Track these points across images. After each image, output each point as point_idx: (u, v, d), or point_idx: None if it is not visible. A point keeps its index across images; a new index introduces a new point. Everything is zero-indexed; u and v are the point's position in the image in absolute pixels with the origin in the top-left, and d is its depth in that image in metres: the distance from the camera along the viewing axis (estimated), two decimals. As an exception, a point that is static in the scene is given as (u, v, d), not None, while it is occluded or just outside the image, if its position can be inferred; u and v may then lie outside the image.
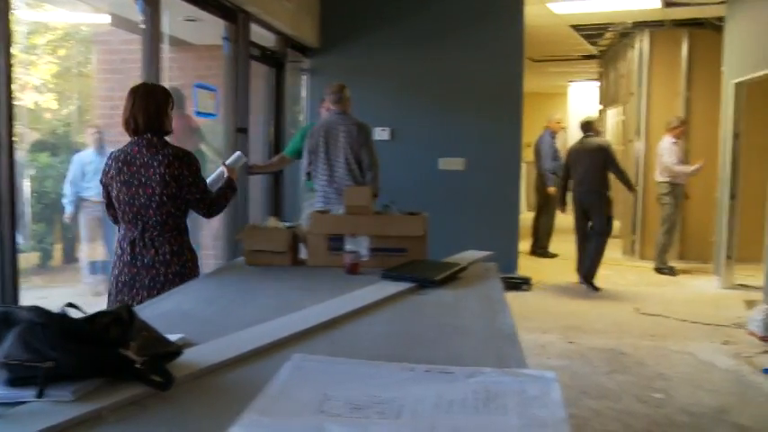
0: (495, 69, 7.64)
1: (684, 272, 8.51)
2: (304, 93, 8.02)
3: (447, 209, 7.74)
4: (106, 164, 3.29)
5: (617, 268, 8.92)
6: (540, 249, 9.66)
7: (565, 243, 10.69)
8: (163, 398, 1.58)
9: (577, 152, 7.82)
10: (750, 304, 6.01)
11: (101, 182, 3.33)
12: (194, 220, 3.97)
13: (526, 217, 10.22)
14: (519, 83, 7.64)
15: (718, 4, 7.98)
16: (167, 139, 3.29)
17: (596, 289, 7.51)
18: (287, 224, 3.69)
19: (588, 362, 4.94)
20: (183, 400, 1.61)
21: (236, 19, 5.80)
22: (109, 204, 3.34)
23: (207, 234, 6.81)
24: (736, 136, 7.67)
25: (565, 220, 14.46)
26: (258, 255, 3.49)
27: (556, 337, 5.55)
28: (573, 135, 15.70)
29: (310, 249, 3.48)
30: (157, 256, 3.22)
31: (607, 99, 11.88)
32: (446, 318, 2.47)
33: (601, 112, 12.37)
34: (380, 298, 2.66)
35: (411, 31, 7.77)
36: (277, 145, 7.13)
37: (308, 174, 5.53)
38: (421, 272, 3.05)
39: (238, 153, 4.06)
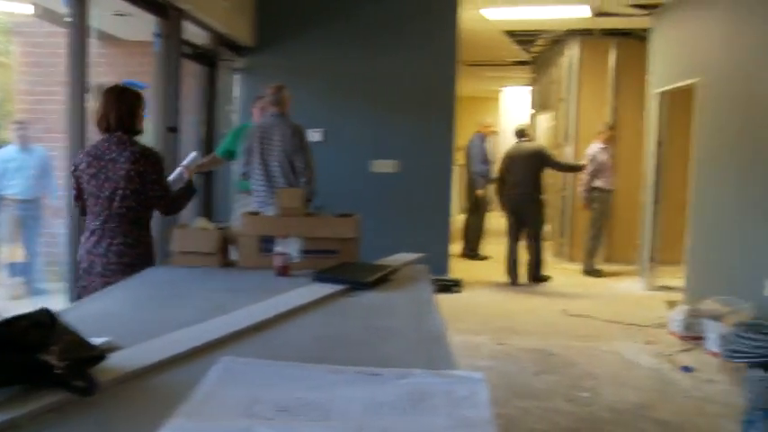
0: (428, 72, 7.71)
1: (612, 274, 8.74)
2: (237, 92, 7.93)
3: (379, 211, 7.78)
4: (77, 157, 3.53)
5: (547, 270, 9.09)
6: (471, 252, 9.78)
7: (496, 245, 10.87)
8: (86, 404, 1.54)
9: (512, 157, 8.19)
10: (671, 305, 6.21)
11: (72, 173, 3.52)
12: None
13: (459, 219, 10.33)
14: (452, 86, 7.72)
15: (644, 15, 8.22)
16: (137, 138, 3.51)
17: (546, 279, 8.13)
18: (216, 225, 3.65)
19: (518, 362, 5.03)
20: (107, 405, 1.57)
21: (168, 15, 5.69)
22: (77, 196, 3.52)
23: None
24: (659, 144, 7.92)
25: (497, 222, 14.72)
26: (187, 256, 3.44)
27: (486, 339, 5.63)
28: (506, 139, 16.00)
29: (241, 251, 3.45)
30: (112, 246, 3.41)
31: (539, 104, 12.12)
32: (376, 320, 2.48)
33: (532, 116, 12.60)
34: (311, 300, 2.66)
35: (346, 32, 7.78)
36: (209, 145, 7.04)
37: (244, 174, 5.48)
38: (352, 274, 3.05)
39: (194, 153, 4.19)
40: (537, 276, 8.17)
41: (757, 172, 5.68)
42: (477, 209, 9.73)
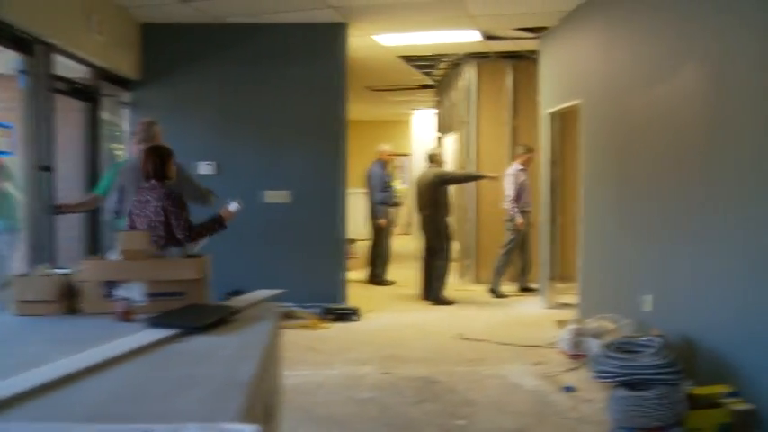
0: (318, 102, 7.69)
1: (520, 294, 8.84)
2: (126, 127, 7.72)
3: (274, 241, 7.70)
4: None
5: (451, 293, 9.10)
6: (376, 278, 9.73)
7: (403, 269, 10.86)
8: None
9: (419, 182, 8.74)
10: (561, 324, 6.26)
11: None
12: None
13: (365, 245, 10.29)
14: (342, 113, 7.71)
15: (533, 38, 8.37)
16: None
17: (449, 302, 8.31)
18: (60, 271, 3.50)
19: (399, 392, 4.96)
20: None
21: (33, 51, 5.50)
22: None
23: None
24: (552, 163, 8.04)
25: (401, 245, 14.73)
26: (29, 305, 3.30)
27: (372, 369, 5.55)
28: (418, 161, 16.10)
29: (84, 296, 3.31)
30: None
31: (443, 127, 12.22)
32: (190, 368, 2.38)
33: (438, 139, 12.69)
34: (131, 349, 2.54)
35: (235, 63, 7.70)
36: (92, 182, 6.81)
37: (117, 213, 5.29)
38: (189, 318, 2.94)
39: (235, 203, 4.79)
40: (436, 299, 8.38)
41: (631, 189, 5.80)
42: (380, 236, 9.69)
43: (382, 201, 9.61)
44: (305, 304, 7.61)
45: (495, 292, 8.74)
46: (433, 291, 8.46)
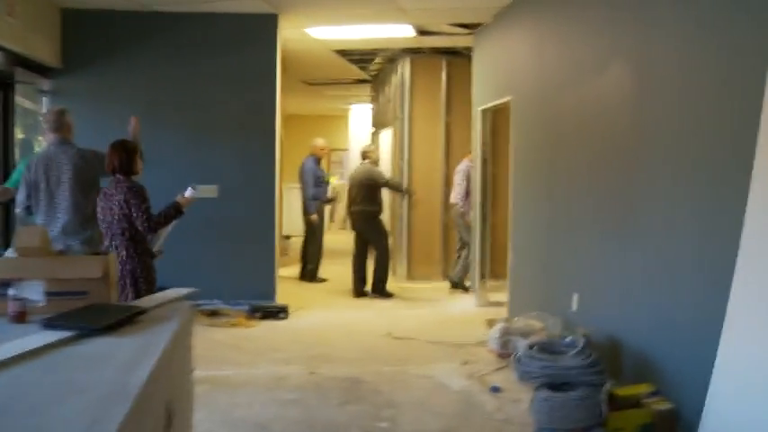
0: (249, 94, 7.50)
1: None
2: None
3: (203, 238, 7.47)
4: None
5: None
6: (309, 275, 9.57)
7: (337, 266, 10.73)
8: None
9: (353, 177, 8.90)
10: (490, 323, 6.21)
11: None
12: None
13: (299, 241, 10.13)
14: (273, 107, 7.54)
15: (467, 35, 8.32)
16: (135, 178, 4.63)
17: (389, 295, 8.51)
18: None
19: (323, 393, 4.83)
20: None
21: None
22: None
23: None
24: (484, 161, 8.01)
25: (338, 241, 14.62)
26: None
27: (298, 369, 5.41)
28: (355, 157, 15.97)
29: (-22, 296, 3.07)
30: (118, 257, 4.42)
31: (378, 122, 12.12)
32: (79, 373, 2.20)
33: (373, 135, 12.58)
34: (17, 353, 2.34)
35: (163, 52, 7.45)
36: (6, 174, 6.49)
37: (28, 207, 5.01)
38: (90, 318, 2.75)
39: (190, 188, 5.10)
40: (380, 290, 8.55)
41: (561, 187, 5.79)
42: (312, 233, 9.53)
43: (315, 196, 9.45)
44: (233, 302, 7.43)
45: (458, 284, 8.74)
46: (374, 282, 8.61)
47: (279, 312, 7.21)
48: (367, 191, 8.58)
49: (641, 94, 4.50)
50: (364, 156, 8.88)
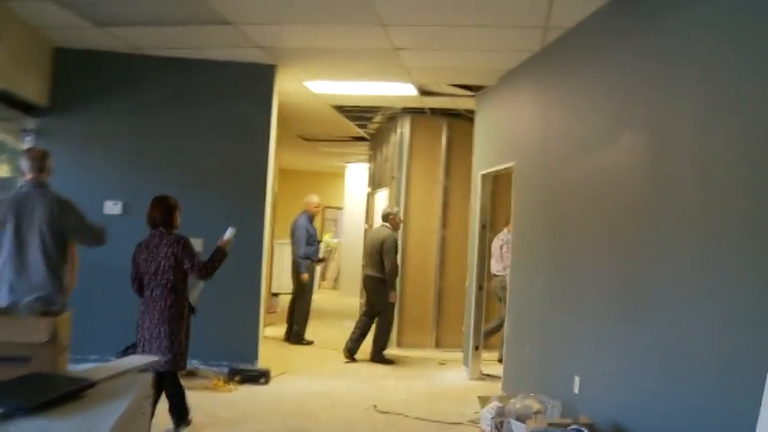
0: (241, 146, 7.20)
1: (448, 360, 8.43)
2: (28, 157, 7.06)
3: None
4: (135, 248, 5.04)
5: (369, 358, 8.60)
6: (295, 336, 9.15)
7: (325, 328, 10.32)
8: None
9: (368, 239, 8.62)
10: (483, 400, 5.79)
11: (132, 261, 5.04)
12: None
13: (287, 299, 9.74)
14: (266, 161, 7.25)
15: (469, 96, 8.10)
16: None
17: (390, 362, 8.21)
18: None
19: (299, 475, 4.40)
20: None
21: None
22: (134, 279, 5.08)
23: None
24: (483, 226, 7.70)
25: (328, 301, 14.21)
26: None
27: (275, 444, 4.99)
28: (348, 216, 15.66)
29: None
30: (158, 306, 4.84)
31: (375, 182, 11.84)
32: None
33: (369, 195, 12.29)
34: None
35: (153, 97, 7.17)
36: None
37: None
38: (25, 392, 2.37)
39: (231, 229, 5.31)
40: (379, 357, 8.25)
41: (564, 259, 5.46)
42: (301, 292, 9.14)
43: (307, 255, 9.09)
44: (212, 362, 7.01)
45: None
46: (374, 349, 8.33)
47: (259, 377, 6.78)
48: (378, 256, 8.26)
49: (654, 165, 4.20)
50: (385, 218, 8.49)
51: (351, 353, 8.31)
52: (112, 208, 7.02)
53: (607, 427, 4.39)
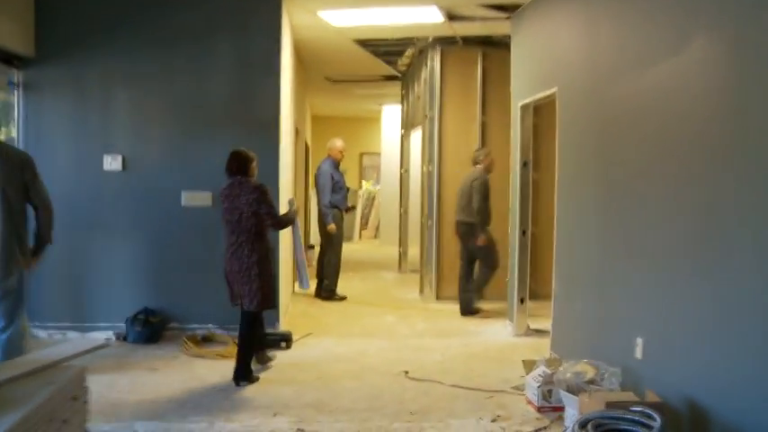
0: (249, 87, 6.46)
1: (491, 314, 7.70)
2: (18, 110, 6.43)
3: (194, 252, 6.50)
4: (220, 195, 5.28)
5: (407, 313, 7.91)
6: (326, 292, 8.49)
7: (360, 281, 9.68)
8: None
9: (462, 181, 7.82)
10: (528, 365, 5.04)
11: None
12: None
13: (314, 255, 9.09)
14: (277, 102, 6.48)
15: (504, 19, 7.17)
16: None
17: (476, 312, 7.71)
18: None
19: (307, 466, 3.73)
20: None
21: None
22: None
23: None
24: (524, 164, 6.85)
25: (366, 251, 13.56)
26: None
27: (286, 422, 4.31)
28: (386, 161, 14.86)
29: None
30: (244, 251, 5.03)
31: (408, 123, 11.01)
32: None
33: (403, 137, 11.47)
34: None
35: (149, 40, 6.47)
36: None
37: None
38: None
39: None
40: (467, 308, 7.74)
41: (619, 198, 4.61)
42: (329, 245, 8.46)
43: (333, 204, 8.38)
44: (229, 326, 6.40)
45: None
46: (462, 302, 7.78)
47: (280, 341, 6.12)
48: (469, 198, 7.57)
49: (737, 81, 3.32)
50: (476, 161, 7.77)
51: (468, 310, 7.68)
52: (112, 163, 6.37)
53: (679, 403, 3.62)
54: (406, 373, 5.47)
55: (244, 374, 5.11)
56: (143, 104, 6.45)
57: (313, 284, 8.61)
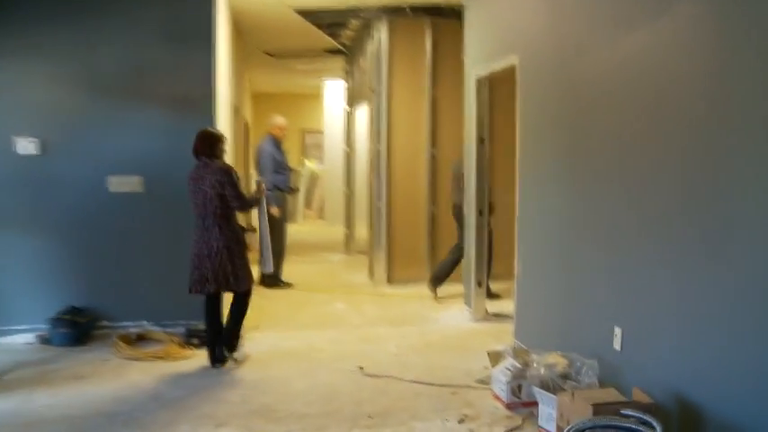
0: (180, 61, 5.89)
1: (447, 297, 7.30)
2: None
3: (124, 241, 5.93)
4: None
5: (358, 299, 7.49)
6: (270, 279, 7.98)
7: (307, 265, 9.23)
8: None
9: (454, 164, 7.23)
10: (494, 357, 4.65)
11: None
12: None
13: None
14: (211, 78, 5.94)
15: (456, -16, 6.74)
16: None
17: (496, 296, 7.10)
18: None
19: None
20: None
21: None
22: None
23: None
24: (480, 141, 6.45)
25: (312, 233, 13.11)
26: None
27: (230, 435, 3.87)
28: (329, 139, 14.36)
29: None
30: (212, 234, 4.94)
31: (354, 99, 10.51)
32: None
33: (348, 113, 10.98)
34: None
35: (69, 10, 5.77)
36: None
37: None
38: None
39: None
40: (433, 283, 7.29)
41: (590, 180, 4.24)
42: (273, 229, 7.93)
43: (276, 185, 7.86)
44: (165, 323, 5.89)
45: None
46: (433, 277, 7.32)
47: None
48: (457, 180, 7.05)
49: (726, 45, 2.95)
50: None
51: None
52: (26, 147, 5.74)
53: (667, 400, 3.28)
54: (361, 368, 5.04)
55: (223, 354, 5.11)
56: (61, 81, 5.82)
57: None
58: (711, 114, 3.04)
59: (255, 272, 5.89)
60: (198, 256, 4.96)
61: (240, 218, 5.51)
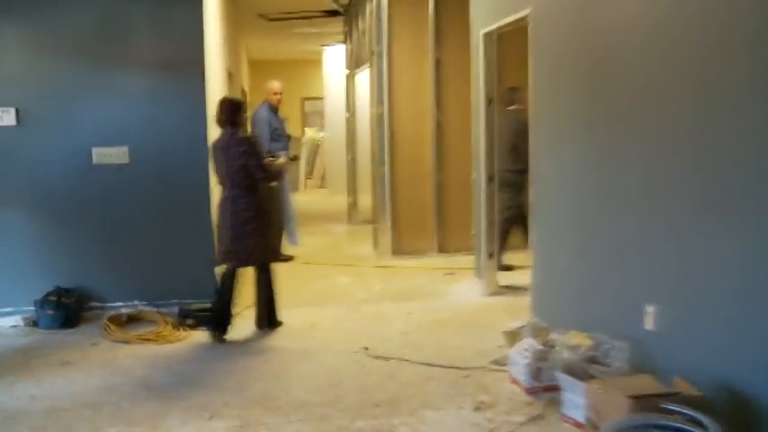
0: (166, 23, 5.49)
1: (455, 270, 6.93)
2: None
3: (112, 216, 5.58)
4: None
5: (362, 271, 7.14)
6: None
7: (308, 236, 8.87)
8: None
9: (499, 126, 6.19)
10: (510, 337, 4.30)
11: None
12: None
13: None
14: (200, 42, 5.53)
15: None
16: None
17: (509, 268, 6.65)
18: None
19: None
20: None
21: None
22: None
23: None
24: (489, 101, 6.04)
25: (314, 202, 12.76)
26: None
27: (225, 426, 3.52)
28: (330, 106, 13.94)
29: None
30: (238, 204, 4.90)
31: (353, 62, 10.06)
32: None
33: (348, 77, 10.54)
34: None
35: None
36: None
37: None
38: None
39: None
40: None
41: (615, 141, 3.84)
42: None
43: (272, 154, 7.45)
44: (159, 303, 5.55)
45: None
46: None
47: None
48: (514, 145, 6.39)
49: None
50: (510, 101, 6.61)
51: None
52: (2, 117, 5.36)
53: (711, 388, 2.91)
54: (367, 349, 4.70)
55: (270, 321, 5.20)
56: (36, 44, 5.42)
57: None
58: (751, 56, 2.64)
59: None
60: (222, 227, 4.96)
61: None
